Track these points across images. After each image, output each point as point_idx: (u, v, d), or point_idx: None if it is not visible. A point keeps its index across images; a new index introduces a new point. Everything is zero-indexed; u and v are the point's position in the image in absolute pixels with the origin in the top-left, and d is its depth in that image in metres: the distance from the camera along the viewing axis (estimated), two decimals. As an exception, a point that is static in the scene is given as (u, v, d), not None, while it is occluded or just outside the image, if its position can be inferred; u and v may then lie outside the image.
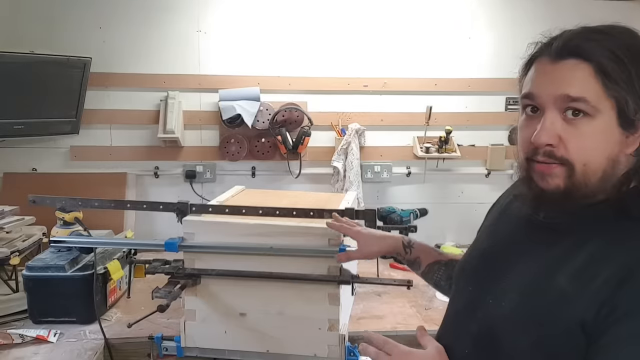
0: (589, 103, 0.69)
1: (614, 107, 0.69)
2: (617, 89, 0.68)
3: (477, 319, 0.81)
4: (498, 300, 0.78)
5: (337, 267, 1.42)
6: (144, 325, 1.55)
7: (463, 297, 0.88)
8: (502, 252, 0.84)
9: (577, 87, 0.69)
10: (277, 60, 2.44)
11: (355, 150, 2.42)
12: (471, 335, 0.81)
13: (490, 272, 0.83)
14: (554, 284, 0.71)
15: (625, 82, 0.68)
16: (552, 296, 0.71)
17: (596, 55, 0.69)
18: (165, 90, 2.39)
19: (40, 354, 1.47)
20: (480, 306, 0.81)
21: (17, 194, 2.08)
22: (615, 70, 0.68)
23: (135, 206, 2.05)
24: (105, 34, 2.35)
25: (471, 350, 0.81)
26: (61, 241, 1.61)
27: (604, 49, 0.69)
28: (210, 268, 1.47)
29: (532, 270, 0.76)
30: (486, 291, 0.81)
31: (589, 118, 0.70)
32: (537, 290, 0.73)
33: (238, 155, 2.44)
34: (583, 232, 0.73)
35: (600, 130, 0.70)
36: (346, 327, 1.52)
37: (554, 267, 0.73)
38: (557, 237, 0.76)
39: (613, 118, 0.70)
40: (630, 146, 0.72)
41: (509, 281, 0.78)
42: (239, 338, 1.49)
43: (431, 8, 2.48)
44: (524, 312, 0.74)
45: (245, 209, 1.53)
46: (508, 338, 0.75)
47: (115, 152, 2.42)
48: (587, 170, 0.71)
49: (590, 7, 2.49)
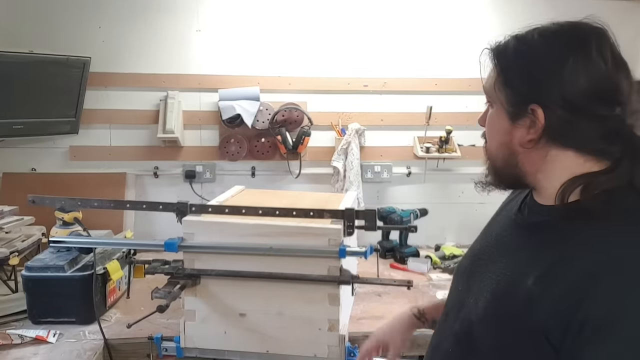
0: (489, 95, 0.81)
1: (502, 102, 0.78)
2: (502, 89, 0.77)
3: (460, 318, 0.84)
4: (476, 300, 0.80)
5: (337, 267, 1.42)
6: (143, 326, 1.55)
7: (454, 297, 0.92)
8: (488, 253, 0.86)
9: (486, 82, 0.82)
10: (277, 60, 2.44)
11: (355, 150, 2.41)
12: (454, 334, 0.84)
13: (477, 272, 0.85)
14: (521, 286, 0.72)
15: (511, 79, 0.76)
16: (517, 298, 0.71)
17: (500, 60, 0.78)
18: (164, 90, 2.38)
19: (40, 354, 1.47)
20: (464, 306, 0.84)
21: (17, 194, 2.08)
22: (505, 71, 0.77)
23: (135, 206, 2.05)
24: (104, 34, 2.34)
25: (454, 348, 0.84)
26: (60, 241, 1.61)
27: (509, 53, 0.78)
28: (210, 268, 1.47)
29: (507, 270, 0.77)
30: (470, 291, 0.84)
31: (491, 107, 0.82)
32: (506, 291, 0.75)
33: (238, 155, 2.44)
34: (551, 234, 0.74)
35: (494, 117, 0.81)
36: (346, 328, 1.52)
37: (524, 268, 0.73)
38: (531, 238, 0.78)
39: (503, 110, 0.78)
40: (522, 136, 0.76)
41: (486, 281, 0.80)
42: (239, 338, 1.49)
43: (431, 8, 2.48)
44: (492, 313, 0.76)
45: (245, 209, 1.52)
46: (480, 337, 0.77)
47: (114, 152, 2.42)
48: (490, 151, 0.83)
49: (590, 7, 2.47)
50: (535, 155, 0.76)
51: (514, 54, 0.77)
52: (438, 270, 2.23)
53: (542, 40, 0.75)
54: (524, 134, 0.75)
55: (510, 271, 0.76)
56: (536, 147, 0.76)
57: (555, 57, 0.73)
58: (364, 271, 1.91)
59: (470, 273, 0.88)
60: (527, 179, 0.80)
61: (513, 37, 0.79)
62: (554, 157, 0.75)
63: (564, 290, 0.66)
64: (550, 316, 0.67)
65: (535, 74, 0.74)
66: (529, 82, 0.74)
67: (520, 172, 0.79)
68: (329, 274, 1.42)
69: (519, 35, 0.78)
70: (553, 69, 0.72)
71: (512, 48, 0.77)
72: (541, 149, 0.76)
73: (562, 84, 0.71)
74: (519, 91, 0.75)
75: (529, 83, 0.74)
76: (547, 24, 0.77)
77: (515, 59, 0.77)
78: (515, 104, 0.76)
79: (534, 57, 0.75)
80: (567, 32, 0.76)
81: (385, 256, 2.34)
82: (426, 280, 2.09)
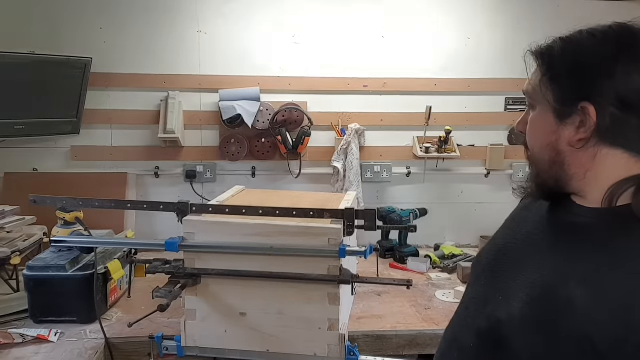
0: (531, 97, 0.79)
1: (548, 100, 0.75)
2: (548, 86, 0.75)
3: (486, 314, 0.79)
4: (508, 299, 0.76)
5: (337, 267, 1.43)
6: (144, 325, 1.55)
7: (476, 291, 0.88)
8: (518, 250, 0.82)
9: (528, 83, 0.80)
10: (277, 61, 2.45)
11: (355, 150, 2.42)
12: (478, 330, 0.80)
13: (504, 269, 0.82)
14: (563, 290, 0.68)
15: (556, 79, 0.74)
16: (560, 303, 0.67)
17: (545, 59, 0.76)
18: (165, 91, 2.39)
19: (41, 353, 1.48)
20: (491, 302, 0.80)
21: (18, 194, 2.09)
22: (552, 68, 0.75)
23: (136, 206, 2.06)
24: (105, 34, 2.35)
25: (476, 344, 0.80)
26: (62, 241, 1.61)
27: (556, 51, 0.75)
28: (210, 268, 1.47)
29: (544, 272, 0.73)
30: (498, 288, 0.80)
31: (534, 109, 0.79)
32: (546, 294, 0.70)
33: (238, 155, 2.45)
34: (596, 237, 0.71)
35: (537, 118, 0.78)
36: (346, 327, 1.52)
37: (565, 271, 0.70)
38: (572, 240, 0.74)
39: (549, 109, 0.75)
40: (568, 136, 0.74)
41: (521, 281, 0.76)
42: (239, 338, 1.49)
43: (431, 8, 2.48)
44: (531, 316, 0.71)
45: (245, 209, 1.53)
46: (514, 340, 0.72)
47: (115, 152, 2.43)
48: (533, 154, 0.80)
49: (590, 7, 2.49)
50: (584, 156, 0.73)
51: (562, 51, 0.74)
52: (437, 270, 2.24)
53: (592, 38, 0.73)
54: (573, 133, 0.72)
55: (549, 273, 0.72)
56: (585, 147, 0.72)
57: (607, 55, 0.70)
58: (364, 271, 1.92)
59: (495, 268, 0.84)
60: (571, 184, 0.76)
61: (558, 38, 0.76)
62: (604, 158, 0.72)
63: (612, 298, 0.63)
64: (597, 325, 0.63)
65: (586, 70, 0.71)
66: (579, 78, 0.71)
67: (566, 175, 0.75)
68: (329, 274, 1.43)
69: (564, 37, 0.75)
70: (605, 66, 0.70)
71: (559, 47, 0.75)
72: (591, 149, 0.72)
73: (615, 82, 0.69)
74: (568, 88, 0.72)
75: (580, 80, 0.71)
76: (593, 25, 0.74)
77: (564, 57, 0.74)
78: (564, 102, 0.73)
79: (585, 54, 0.72)
80: (617, 31, 0.73)
81: (385, 256, 2.35)
82: (426, 280, 2.10)
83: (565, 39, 0.75)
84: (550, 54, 0.75)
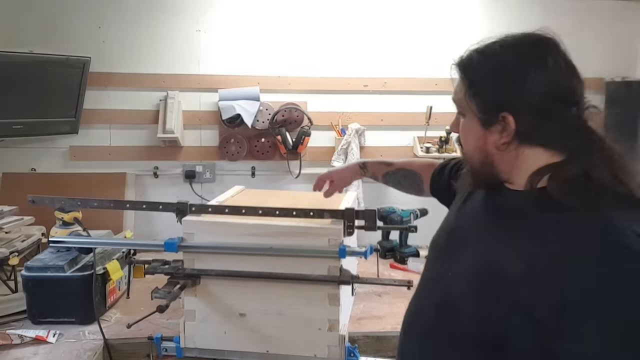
0: (460, 106, 0.90)
1: (474, 112, 0.86)
2: (472, 100, 0.86)
3: (439, 289, 0.92)
4: (456, 275, 0.89)
5: (337, 267, 1.42)
6: (143, 326, 1.55)
7: (432, 268, 1.00)
8: (466, 230, 0.95)
9: (456, 94, 0.91)
10: (277, 60, 2.44)
11: (355, 150, 2.41)
12: (434, 303, 0.92)
13: (455, 247, 0.94)
14: (502, 265, 0.80)
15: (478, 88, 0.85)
16: (499, 276, 0.79)
17: (467, 73, 0.87)
18: (164, 90, 2.39)
19: (40, 354, 1.47)
20: (444, 278, 0.92)
21: (16, 194, 2.08)
22: (474, 83, 0.86)
23: (135, 206, 2.05)
24: (104, 34, 2.34)
25: (433, 315, 0.92)
26: (60, 241, 1.61)
27: (474, 66, 0.87)
28: (209, 268, 1.47)
29: (487, 250, 0.85)
30: (449, 265, 0.92)
31: (463, 116, 0.90)
32: (488, 270, 0.82)
33: (238, 155, 2.44)
34: (525, 219, 0.82)
35: (467, 124, 0.89)
36: (346, 328, 1.52)
37: (502, 249, 0.82)
38: (506, 222, 0.87)
39: (475, 118, 0.86)
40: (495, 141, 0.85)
41: (466, 258, 0.88)
42: (239, 338, 1.48)
43: (431, 8, 2.48)
44: (475, 288, 0.83)
45: (245, 209, 1.52)
46: (462, 310, 0.84)
47: (114, 152, 2.42)
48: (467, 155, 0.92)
49: (590, 7, 2.49)
50: (509, 156, 0.85)
51: (479, 67, 0.86)
52: (438, 270, 2.23)
53: (504, 53, 0.84)
54: (497, 138, 0.84)
55: (490, 251, 0.84)
56: (509, 149, 0.84)
57: (518, 68, 0.81)
58: (364, 271, 1.91)
59: (446, 249, 0.97)
60: (501, 176, 0.88)
61: (474, 51, 0.87)
62: (525, 155, 0.84)
63: (541, 267, 0.74)
64: (533, 294, 0.74)
65: (502, 85, 0.82)
66: (497, 92, 0.83)
67: (496, 171, 0.88)
68: (329, 274, 1.42)
69: (480, 49, 0.86)
70: (517, 79, 0.80)
71: (476, 61, 0.86)
72: (514, 150, 0.84)
73: (526, 92, 0.80)
74: (489, 101, 0.84)
75: (497, 93, 0.83)
76: (504, 37, 0.85)
77: (481, 72, 0.85)
78: (487, 113, 0.84)
79: (499, 69, 0.83)
80: (525, 43, 0.84)
81: (385, 256, 2.34)
82: (426, 280, 2.09)
83: (481, 51, 0.86)
84: (470, 68, 0.87)
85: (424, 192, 1.40)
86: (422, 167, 1.40)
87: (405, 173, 1.42)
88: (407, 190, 1.45)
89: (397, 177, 1.43)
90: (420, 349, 0.95)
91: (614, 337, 0.68)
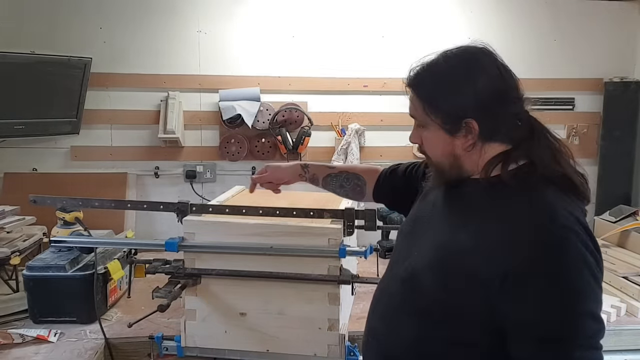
0: (421, 120, 0.99)
1: (438, 124, 0.96)
2: (434, 115, 0.96)
3: (405, 266, 1.01)
4: (420, 252, 1.00)
5: (337, 267, 1.43)
6: (144, 325, 1.55)
7: (398, 251, 1.11)
8: (427, 217, 1.06)
9: (414, 110, 1.01)
10: (277, 61, 2.45)
11: (355, 151, 2.42)
12: (400, 278, 1.02)
13: (419, 231, 1.05)
14: (456, 240, 0.92)
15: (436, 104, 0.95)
16: (454, 250, 0.91)
17: (420, 92, 0.98)
18: (165, 91, 2.39)
19: (41, 353, 1.48)
20: (409, 257, 1.02)
21: (18, 194, 2.08)
22: (431, 96, 0.96)
23: (136, 206, 2.06)
24: (105, 34, 2.35)
25: (399, 289, 1.02)
26: (62, 241, 1.62)
27: (427, 84, 0.98)
28: (210, 268, 1.47)
29: (444, 229, 0.98)
30: (413, 246, 1.03)
31: (425, 128, 0.99)
32: (444, 245, 0.94)
33: (238, 155, 2.45)
34: (479, 201, 0.95)
35: (432, 136, 0.98)
36: (346, 327, 1.52)
37: (457, 227, 0.94)
38: (463, 205, 0.98)
39: (440, 128, 0.96)
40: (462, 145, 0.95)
41: (428, 238, 1.00)
42: (239, 338, 1.49)
43: (431, 8, 2.48)
44: (434, 262, 0.94)
45: (245, 209, 1.53)
46: (424, 281, 0.95)
47: (115, 152, 2.43)
48: (435, 161, 1.02)
49: (590, 7, 2.49)
50: (474, 154, 0.96)
51: (431, 84, 0.97)
52: (438, 270, 2.23)
53: (451, 67, 0.96)
54: (464, 141, 0.95)
55: (447, 230, 0.97)
56: (474, 149, 0.95)
57: (467, 78, 0.93)
58: (364, 271, 1.92)
59: (410, 234, 1.08)
60: (469, 173, 0.98)
61: (421, 69, 0.98)
62: (486, 151, 0.95)
63: (491, 240, 0.86)
64: (483, 265, 0.86)
65: (458, 95, 0.93)
66: (455, 103, 0.93)
67: (464, 171, 0.98)
68: (329, 274, 1.43)
69: (426, 67, 0.98)
70: (469, 87, 0.92)
71: (428, 80, 0.97)
72: (478, 148, 0.95)
73: (479, 97, 0.91)
74: (451, 113, 0.94)
75: (456, 104, 0.93)
76: (443, 52, 0.98)
77: (435, 88, 0.96)
78: (451, 123, 0.94)
79: (452, 82, 0.95)
80: (466, 56, 0.96)
81: (385, 256, 2.34)
82: (426, 280, 2.10)
83: (428, 69, 0.98)
84: (423, 86, 0.98)
85: (366, 196, 1.42)
86: (366, 171, 1.43)
87: (348, 176, 1.42)
88: (347, 194, 1.44)
89: (339, 180, 1.43)
90: (386, 320, 1.05)
91: (550, 301, 0.81)
